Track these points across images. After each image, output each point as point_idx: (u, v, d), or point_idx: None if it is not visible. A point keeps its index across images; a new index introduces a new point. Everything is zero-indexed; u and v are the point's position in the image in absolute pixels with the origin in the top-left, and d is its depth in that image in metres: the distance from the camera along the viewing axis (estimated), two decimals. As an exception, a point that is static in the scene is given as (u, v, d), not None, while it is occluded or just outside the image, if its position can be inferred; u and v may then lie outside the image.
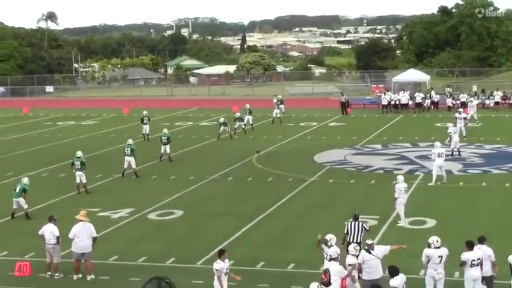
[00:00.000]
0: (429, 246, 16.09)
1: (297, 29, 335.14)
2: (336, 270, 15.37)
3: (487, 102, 57.15)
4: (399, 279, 14.56)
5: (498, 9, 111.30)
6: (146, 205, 26.80)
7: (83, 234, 18.87)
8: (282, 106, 53.78)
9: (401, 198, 23.44)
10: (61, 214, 22.13)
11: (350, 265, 15.49)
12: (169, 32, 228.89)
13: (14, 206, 25.39)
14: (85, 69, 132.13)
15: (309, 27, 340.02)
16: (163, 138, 36.35)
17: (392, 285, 14.53)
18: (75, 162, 29.37)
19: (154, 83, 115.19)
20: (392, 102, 57.93)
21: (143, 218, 25.34)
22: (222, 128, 43.79)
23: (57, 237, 19.02)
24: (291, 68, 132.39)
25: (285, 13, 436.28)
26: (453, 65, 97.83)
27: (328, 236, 16.55)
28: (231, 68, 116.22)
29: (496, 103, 56.73)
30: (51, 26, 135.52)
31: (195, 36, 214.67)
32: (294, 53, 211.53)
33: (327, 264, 16.02)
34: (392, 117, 54.12)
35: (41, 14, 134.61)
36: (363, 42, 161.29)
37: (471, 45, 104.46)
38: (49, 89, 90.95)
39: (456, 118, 40.98)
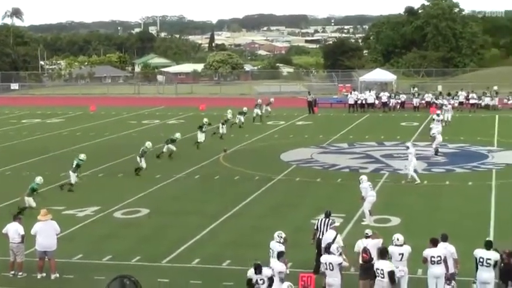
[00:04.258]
0: (392, 243, 16.33)
1: (265, 28, 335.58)
2: (374, 244, 16.56)
3: (452, 102, 57.64)
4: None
5: (463, 10, 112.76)
6: (112, 203, 26.69)
7: (45, 232, 18.75)
8: (266, 107, 54.97)
9: (371, 197, 23.67)
10: (25, 212, 21.96)
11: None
12: (136, 30, 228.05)
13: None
14: (51, 67, 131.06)
15: (277, 26, 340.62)
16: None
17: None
18: (74, 162, 29.67)
19: (121, 81, 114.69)
20: (359, 102, 58.39)
21: (109, 217, 25.23)
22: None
23: (22, 236, 18.87)
24: (259, 66, 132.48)
25: (254, 12, 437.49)
26: (419, 65, 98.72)
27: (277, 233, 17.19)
28: (199, 67, 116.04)
29: (460, 103, 57.37)
30: (17, 22, 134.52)
31: (162, 35, 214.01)
32: (262, 52, 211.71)
33: (363, 243, 16.82)
34: (359, 117, 54.52)
35: (5, 10, 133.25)
36: (330, 42, 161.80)
37: (437, 46, 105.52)
38: (14, 86, 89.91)
39: (434, 120, 41.28)
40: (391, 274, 15.27)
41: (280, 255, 16.03)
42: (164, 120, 54.21)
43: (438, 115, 42.32)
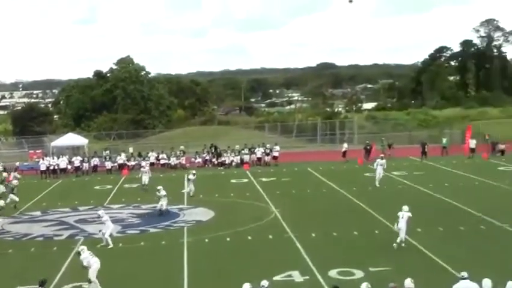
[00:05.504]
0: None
1: None
2: None
3: (143, 163, 58.79)
4: None
5: (150, 73, 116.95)
6: None
7: None
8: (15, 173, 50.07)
9: (95, 264, 23.46)
10: None
11: None
12: None
13: None
14: None
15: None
16: None
17: None
18: None
19: None
20: (51, 167, 57.59)
21: None
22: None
23: None
24: None
25: None
26: (110, 128, 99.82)
27: None
28: None
29: (151, 164, 58.85)
30: None
31: None
32: None
33: None
34: (51, 183, 53.64)
35: None
36: (19, 108, 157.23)
37: (126, 108, 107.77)
38: None
39: (189, 180, 43.04)
40: None
41: None
42: None
43: (194, 174, 43.72)
